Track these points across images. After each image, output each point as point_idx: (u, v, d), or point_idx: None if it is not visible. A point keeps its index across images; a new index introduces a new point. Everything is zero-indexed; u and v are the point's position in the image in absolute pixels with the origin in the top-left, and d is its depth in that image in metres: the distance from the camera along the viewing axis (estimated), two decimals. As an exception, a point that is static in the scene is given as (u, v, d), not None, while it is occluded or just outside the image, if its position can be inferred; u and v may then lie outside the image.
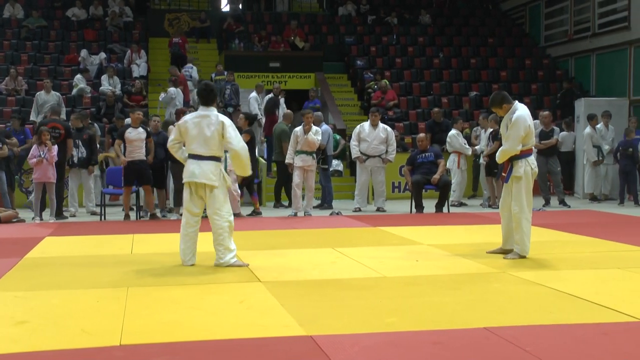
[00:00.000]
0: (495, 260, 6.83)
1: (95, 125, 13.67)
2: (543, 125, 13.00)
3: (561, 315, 4.64)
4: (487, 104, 16.81)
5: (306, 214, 11.57)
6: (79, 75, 16.81)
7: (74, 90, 16.54)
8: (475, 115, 16.18)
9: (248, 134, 11.46)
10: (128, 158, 10.93)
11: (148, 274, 6.28)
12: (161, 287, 5.72)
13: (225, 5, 23.13)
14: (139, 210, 11.51)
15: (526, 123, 6.86)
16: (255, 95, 16.12)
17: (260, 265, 6.58)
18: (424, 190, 12.10)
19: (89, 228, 10.10)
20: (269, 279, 5.95)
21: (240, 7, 22.26)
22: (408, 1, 22.91)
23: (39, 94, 15.07)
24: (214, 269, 6.49)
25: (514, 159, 6.92)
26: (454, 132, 13.47)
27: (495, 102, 7.11)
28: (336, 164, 15.05)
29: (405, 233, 8.94)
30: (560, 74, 19.49)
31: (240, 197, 11.70)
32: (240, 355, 3.89)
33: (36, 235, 8.99)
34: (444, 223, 10.32)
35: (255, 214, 11.69)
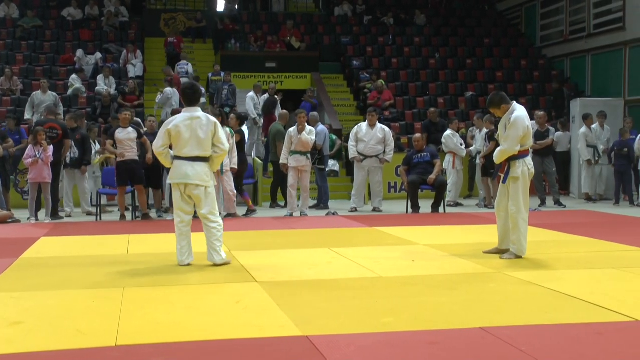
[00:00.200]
0: (491, 260, 6.84)
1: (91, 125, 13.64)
2: (538, 126, 13.02)
3: (556, 315, 4.66)
4: (484, 104, 16.93)
5: (302, 214, 11.57)
6: (74, 75, 16.78)
7: (70, 91, 16.51)
8: (471, 115, 16.20)
9: (239, 134, 11.51)
10: (119, 158, 10.95)
11: (144, 275, 6.27)
12: (157, 288, 5.71)
13: (224, 8, 23.10)
14: (135, 210, 11.50)
15: (525, 124, 6.89)
16: (252, 94, 16.13)
17: (257, 266, 6.58)
18: (420, 190, 12.11)
19: (85, 228, 10.09)
20: (265, 279, 5.95)
21: (237, 7, 22.24)
22: (404, 1, 22.93)
23: (35, 94, 15.04)
24: (209, 270, 6.49)
25: (511, 159, 6.93)
26: (449, 133, 13.47)
27: (494, 103, 7.11)
28: (332, 164, 15.03)
29: (401, 233, 8.95)
30: (556, 74, 19.52)
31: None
32: (237, 356, 3.89)
33: (32, 235, 8.98)
34: (440, 223, 10.33)
35: (250, 213, 11.68)
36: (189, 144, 6.59)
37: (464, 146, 13.65)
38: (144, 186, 11.19)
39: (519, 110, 6.97)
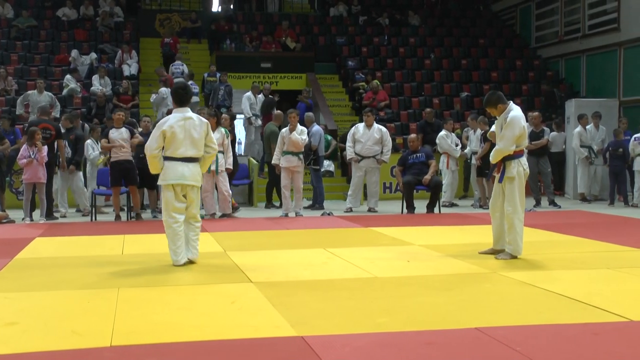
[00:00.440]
0: (486, 260, 6.85)
1: (86, 125, 13.61)
2: (533, 126, 13.05)
3: (552, 315, 4.66)
4: (479, 104, 16.97)
5: (297, 214, 11.56)
6: (69, 76, 16.74)
7: (65, 91, 16.46)
8: (466, 115, 16.22)
9: (232, 134, 11.54)
10: (113, 158, 10.93)
11: (139, 275, 6.26)
12: (152, 288, 5.70)
13: (218, 7, 23.08)
14: (130, 211, 11.48)
15: (521, 124, 6.90)
16: (249, 94, 16.14)
17: (252, 266, 6.57)
18: (415, 190, 12.12)
19: (80, 229, 10.07)
20: (260, 279, 5.94)
21: (232, 8, 22.23)
22: (399, 2, 22.95)
23: (31, 94, 15.00)
24: (204, 270, 6.49)
25: (506, 159, 6.94)
26: (443, 133, 13.49)
27: (491, 102, 7.11)
28: (327, 165, 15.05)
29: (396, 233, 8.95)
30: (551, 75, 19.57)
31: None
32: (232, 356, 3.89)
33: (26, 235, 8.95)
34: (435, 223, 10.34)
35: (235, 210, 11.63)
36: (184, 144, 6.58)
37: (459, 147, 13.66)
38: (137, 186, 11.17)
39: (516, 110, 6.98)
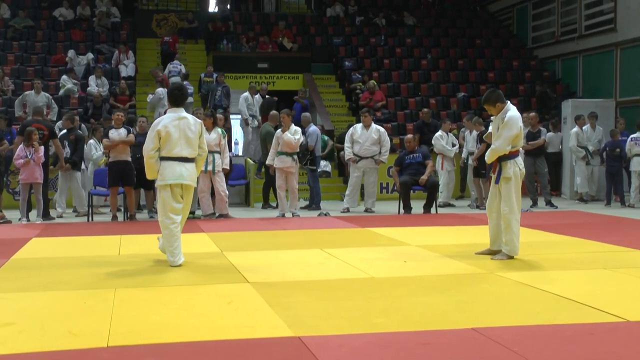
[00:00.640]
0: (483, 261, 6.85)
1: (83, 125, 13.60)
2: (530, 126, 13.07)
3: (548, 316, 4.67)
4: (476, 104, 16.99)
5: (294, 215, 11.55)
6: (65, 76, 16.72)
7: (61, 91, 16.44)
8: (463, 116, 16.24)
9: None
10: (112, 159, 10.92)
11: (135, 275, 6.26)
12: (149, 288, 5.70)
13: (214, 7, 23.08)
14: (127, 211, 11.46)
15: (518, 124, 6.91)
16: (246, 95, 16.13)
17: (248, 266, 6.57)
18: (412, 191, 12.13)
19: (76, 229, 10.06)
20: (257, 279, 5.94)
21: (229, 8, 22.23)
22: (396, 2, 22.96)
23: (28, 94, 14.97)
24: (201, 271, 6.49)
25: (502, 159, 6.95)
26: (439, 134, 13.49)
27: (490, 100, 7.10)
28: (324, 165, 15.05)
29: (393, 234, 8.95)
30: (548, 75, 19.60)
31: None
32: (229, 357, 3.89)
33: (23, 236, 8.94)
34: (432, 224, 10.34)
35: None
36: (179, 144, 6.59)
37: (456, 147, 13.67)
38: (133, 187, 11.16)
39: (513, 111, 6.99)
